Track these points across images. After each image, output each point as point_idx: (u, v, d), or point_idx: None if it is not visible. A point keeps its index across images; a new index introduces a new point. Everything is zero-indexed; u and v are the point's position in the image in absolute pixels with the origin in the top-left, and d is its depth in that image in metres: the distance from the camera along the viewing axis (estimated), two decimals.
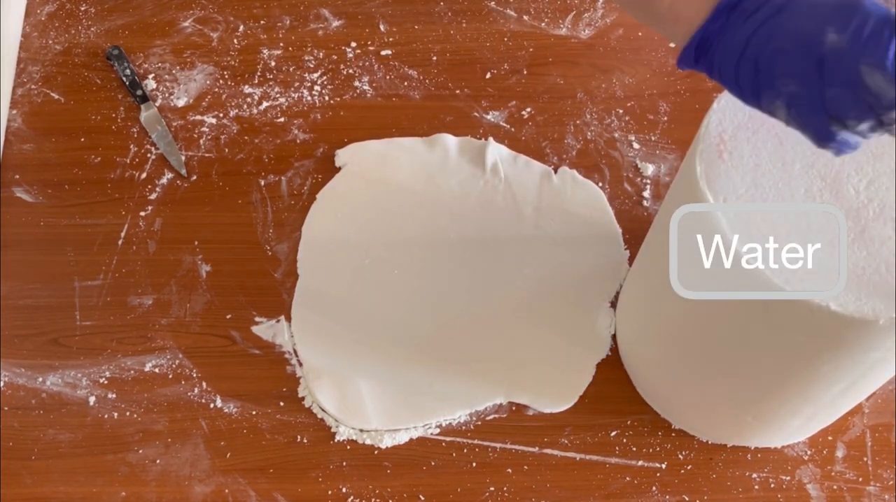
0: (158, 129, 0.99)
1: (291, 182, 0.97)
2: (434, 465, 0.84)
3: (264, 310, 0.90)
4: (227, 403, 0.86)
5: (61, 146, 0.99)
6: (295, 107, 1.01)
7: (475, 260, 0.92)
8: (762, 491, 0.83)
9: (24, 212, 0.95)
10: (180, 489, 0.82)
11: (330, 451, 0.84)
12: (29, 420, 0.85)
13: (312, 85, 1.03)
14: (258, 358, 0.88)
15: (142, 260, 0.93)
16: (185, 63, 1.04)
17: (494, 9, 1.07)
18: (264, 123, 1.00)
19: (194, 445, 0.84)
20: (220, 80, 1.03)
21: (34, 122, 1.00)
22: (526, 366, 0.87)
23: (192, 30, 1.07)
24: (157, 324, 0.89)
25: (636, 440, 0.85)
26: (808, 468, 0.84)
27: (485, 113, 1.00)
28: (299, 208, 0.95)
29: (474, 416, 0.86)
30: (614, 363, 0.88)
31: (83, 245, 0.93)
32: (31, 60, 1.04)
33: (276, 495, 0.82)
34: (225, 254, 0.93)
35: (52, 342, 0.88)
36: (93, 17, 1.07)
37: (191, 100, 1.02)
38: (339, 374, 0.86)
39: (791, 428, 0.80)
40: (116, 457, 0.83)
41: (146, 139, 0.99)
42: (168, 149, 0.98)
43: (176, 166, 0.97)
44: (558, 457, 0.84)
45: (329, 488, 0.82)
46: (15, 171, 0.97)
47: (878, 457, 0.84)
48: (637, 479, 0.83)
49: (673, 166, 0.98)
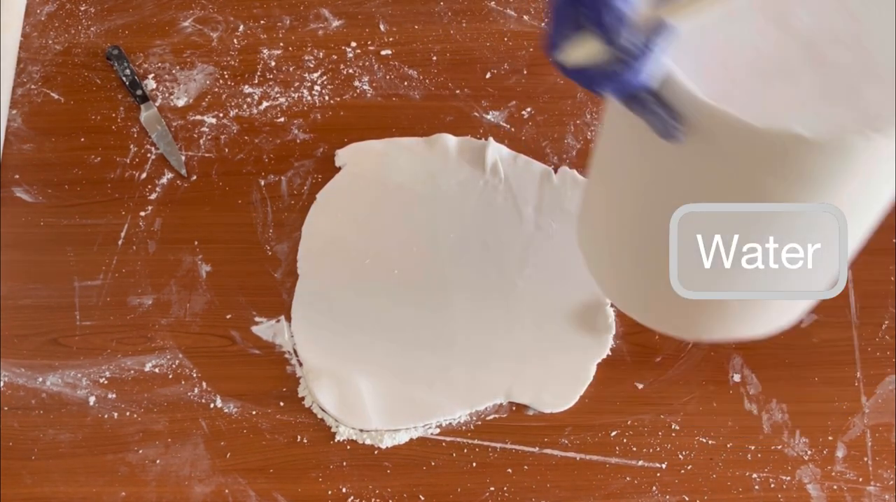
0: (158, 129, 0.99)
1: (291, 182, 0.97)
2: (434, 465, 0.84)
3: (264, 310, 0.90)
4: (227, 403, 0.86)
5: (61, 146, 0.99)
6: (295, 107, 1.01)
7: (475, 260, 0.92)
8: (762, 490, 0.83)
9: (24, 212, 0.95)
10: (180, 489, 0.82)
11: (330, 451, 0.84)
12: (29, 420, 0.85)
13: (312, 85, 1.03)
14: (258, 358, 0.88)
15: (142, 260, 0.93)
16: (185, 63, 1.04)
17: (494, 9, 1.07)
18: (264, 123, 1.00)
19: (194, 445, 0.84)
20: (220, 80, 1.03)
21: (34, 122, 1.00)
22: (526, 366, 0.87)
23: (192, 30, 1.07)
24: (157, 324, 0.89)
25: (636, 440, 0.85)
26: (809, 468, 0.84)
27: (485, 113, 1.00)
28: (299, 208, 0.95)
29: (474, 416, 0.86)
30: (614, 363, 0.88)
31: (83, 245, 0.93)
32: (31, 60, 1.04)
33: (276, 495, 0.82)
34: (225, 254, 0.93)
35: (52, 342, 0.88)
36: (93, 17, 1.07)
37: (191, 100, 1.02)
38: (339, 374, 0.86)
39: (772, 306, 0.75)
40: (116, 457, 0.83)
41: (146, 139, 0.99)
42: (168, 149, 0.98)
43: (176, 166, 0.97)
44: (558, 457, 0.84)
45: (329, 488, 0.82)
46: (15, 171, 0.97)
47: (879, 457, 0.84)
48: (637, 479, 0.83)
49: None
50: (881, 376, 0.88)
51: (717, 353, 0.89)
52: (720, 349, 0.89)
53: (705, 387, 0.87)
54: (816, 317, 0.91)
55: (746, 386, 0.87)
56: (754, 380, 0.87)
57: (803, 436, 0.85)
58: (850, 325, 0.90)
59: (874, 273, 0.93)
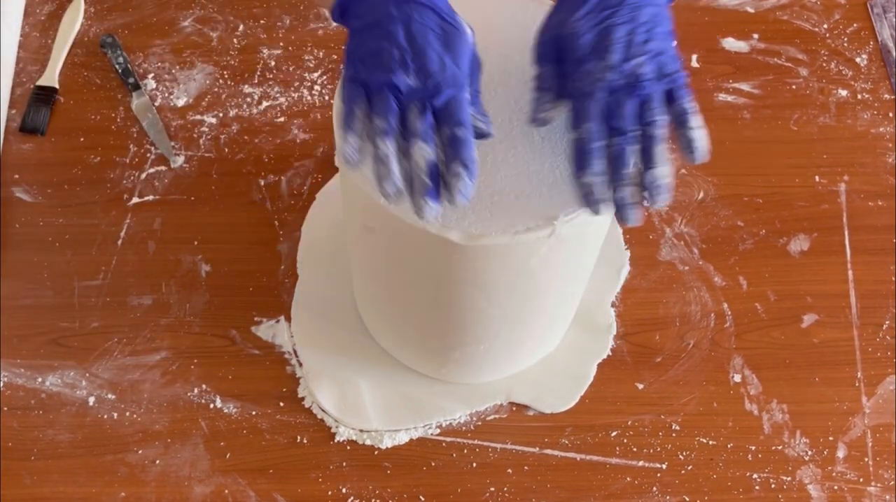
0: (149, 117, 0.99)
1: (291, 182, 0.97)
2: (434, 466, 0.83)
3: (264, 310, 0.90)
4: (226, 403, 0.86)
5: (61, 146, 0.99)
6: (295, 106, 1.01)
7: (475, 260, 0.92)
8: (763, 491, 0.82)
9: (24, 212, 0.95)
10: (180, 489, 0.82)
11: (330, 452, 0.84)
12: (28, 420, 0.85)
13: (312, 84, 1.03)
14: (258, 358, 0.88)
15: (142, 260, 0.93)
16: (185, 63, 1.04)
17: None
18: (264, 123, 1.00)
19: (194, 446, 0.84)
20: (219, 80, 1.03)
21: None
22: (526, 366, 0.87)
23: (192, 29, 1.07)
24: (156, 324, 0.89)
25: (636, 440, 0.85)
26: (809, 468, 0.84)
27: None
28: (299, 208, 0.95)
29: (474, 416, 0.86)
30: (614, 363, 0.88)
31: (83, 245, 0.93)
32: (31, 60, 1.04)
33: (275, 495, 0.82)
34: (225, 254, 0.93)
35: (52, 342, 0.88)
36: (92, 17, 1.07)
37: (190, 99, 1.02)
38: (338, 374, 0.86)
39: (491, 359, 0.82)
40: (116, 458, 0.83)
41: (146, 139, 0.99)
42: (158, 136, 0.98)
43: (165, 153, 0.97)
44: (559, 458, 0.84)
45: (329, 489, 0.82)
46: (15, 171, 0.97)
47: (879, 458, 0.84)
48: (637, 480, 0.83)
49: (673, 166, 0.98)
50: (882, 376, 0.88)
51: (717, 354, 0.89)
52: (720, 349, 0.89)
53: (706, 388, 0.87)
54: (817, 318, 0.91)
55: (747, 387, 0.87)
56: (755, 381, 0.87)
57: (804, 437, 0.85)
58: (850, 326, 0.90)
59: (874, 273, 0.93)
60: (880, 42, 1.08)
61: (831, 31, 1.09)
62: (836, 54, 1.07)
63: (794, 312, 0.91)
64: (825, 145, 1.01)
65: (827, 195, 0.98)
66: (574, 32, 0.61)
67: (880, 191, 0.98)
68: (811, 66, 1.06)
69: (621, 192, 0.59)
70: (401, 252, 0.66)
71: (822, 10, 1.10)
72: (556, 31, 0.62)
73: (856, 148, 1.01)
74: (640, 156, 0.59)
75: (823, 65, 1.06)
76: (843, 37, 1.08)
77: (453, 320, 0.73)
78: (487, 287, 0.66)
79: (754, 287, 0.92)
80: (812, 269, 0.93)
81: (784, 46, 1.07)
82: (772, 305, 0.91)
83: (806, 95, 1.04)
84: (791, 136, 1.01)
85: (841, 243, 0.95)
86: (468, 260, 0.62)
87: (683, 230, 0.95)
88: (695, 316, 0.91)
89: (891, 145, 1.01)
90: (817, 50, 1.07)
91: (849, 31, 1.09)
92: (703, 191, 0.97)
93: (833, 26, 1.09)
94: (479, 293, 0.67)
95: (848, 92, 1.04)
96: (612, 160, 0.59)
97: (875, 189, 0.98)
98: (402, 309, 0.77)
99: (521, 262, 0.63)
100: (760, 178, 0.98)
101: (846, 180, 0.98)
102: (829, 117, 1.02)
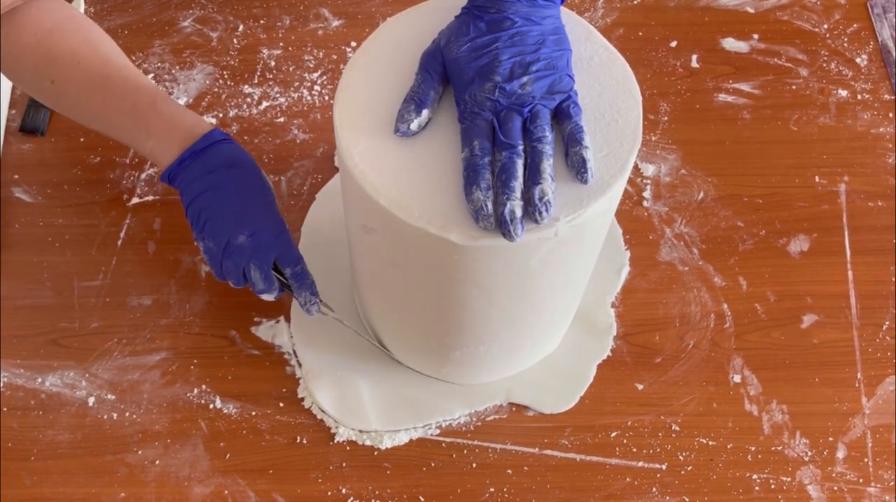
0: None
1: (291, 182, 0.97)
2: (434, 466, 0.83)
3: (264, 311, 0.90)
4: (226, 404, 0.86)
5: (61, 146, 0.99)
6: (295, 107, 1.01)
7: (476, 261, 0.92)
8: (763, 492, 0.82)
9: (23, 212, 0.95)
10: (179, 490, 0.82)
11: (329, 452, 0.84)
12: (28, 420, 0.85)
13: (312, 85, 1.03)
14: (258, 358, 0.88)
15: (141, 260, 0.93)
16: (185, 63, 1.04)
17: None
18: (264, 123, 1.00)
19: (193, 446, 0.84)
20: (219, 80, 1.03)
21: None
22: (526, 367, 0.87)
23: (192, 29, 1.07)
24: (156, 325, 0.89)
25: (636, 441, 0.85)
26: (809, 469, 0.84)
27: None
28: (299, 208, 0.95)
29: (474, 417, 0.86)
30: (614, 363, 0.88)
31: (83, 245, 0.93)
32: None
33: (275, 496, 0.82)
34: None
35: (52, 342, 0.88)
36: (92, 17, 1.07)
37: (190, 99, 1.02)
38: (338, 375, 0.86)
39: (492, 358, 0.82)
40: (115, 458, 0.83)
41: None
42: None
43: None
44: (558, 458, 0.84)
45: (329, 489, 0.82)
46: (14, 171, 0.97)
47: (879, 458, 0.84)
48: (637, 480, 0.83)
49: (673, 166, 0.98)
50: (882, 377, 0.88)
51: (717, 354, 0.89)
52: (720, 350, 0.89)
53: (705, 388, 0.87)
54: (817, 318, 0.91)
55: (747, 387, 0.87)
56: (754, 381, 0.87)
57: (804, 437, 0.85)
58: (850, 326, 0.90)
59: (874, 273, 0.93)
60: (880, 42, 1.08)
61: (831, 31, 1.09)
62: (836, 54, 1.07)
63: (794, 313, 0.91)
64: (825, 145, 1.01)
65: (827, 195, 0.98)
66: (461, 57, 0.62)
67: (880, 191, 0.98)
68: (811, 67, 1.06)
69: (509, 206, 0.58)
70: (401, 252, 0.66)
71: (822, 11, 1.10)
72: (446, 55, 0.63)
73: (856, 148, 1.01)
74: (527, 173, 0.60)
75: (823, 65, 1.06)
76: (843, 37, 1.08)
77: (453, 320, 0.73)
78: (487, 287, 0.66)
79: (754, 287, 0.92)
80: (812, 270, 0.93)
81: (784, 47, 1.07)
82: (772, 306, 0.91)
83: (806, 96, 1.04)
84: (791, 137, 1.01)
85: (841, 244, 0.95)
86: (468, 260, 0.62)
87: (683, 230, 0.95)
88: (695, 316, 0.91)
89: (891, 145, 1.01)
90: (817, 50, 1.07)
91: (849, 31, 1.09)
92: (703, 192, 0.97)
93: (833, 26, 1.09)
94: (479, 293, 0.67)
95: (848, 92, 1.04)
96: (499, 175, 0.60)
97: (875, 189, 0.98)
98: (401, 309, 0.77)
99: (521, 263, 0.63)
100: (760, 179, 0.98)
101: (846, 181, 0.98)
102: (829, 117, 1.02)
